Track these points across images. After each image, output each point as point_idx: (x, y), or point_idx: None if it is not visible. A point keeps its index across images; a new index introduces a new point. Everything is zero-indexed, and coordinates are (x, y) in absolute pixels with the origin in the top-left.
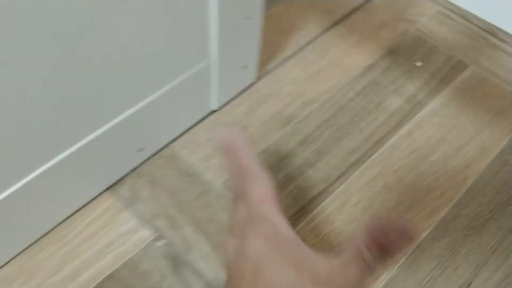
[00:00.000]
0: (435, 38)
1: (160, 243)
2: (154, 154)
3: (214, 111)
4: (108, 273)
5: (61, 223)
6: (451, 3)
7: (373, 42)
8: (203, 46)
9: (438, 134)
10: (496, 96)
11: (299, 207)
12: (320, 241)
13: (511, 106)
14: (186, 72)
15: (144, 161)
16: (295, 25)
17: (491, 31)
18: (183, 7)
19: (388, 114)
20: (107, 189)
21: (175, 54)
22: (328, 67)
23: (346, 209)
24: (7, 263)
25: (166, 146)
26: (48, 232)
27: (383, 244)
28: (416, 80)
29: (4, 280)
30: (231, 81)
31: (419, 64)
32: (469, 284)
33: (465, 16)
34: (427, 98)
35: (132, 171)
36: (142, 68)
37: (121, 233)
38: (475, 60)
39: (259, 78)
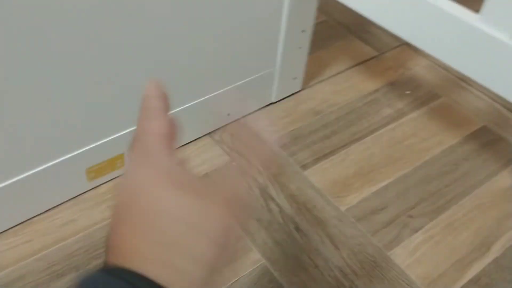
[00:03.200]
0: (422, 79)
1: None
2: (235, 120)
3: (272, 103)
4: (206, 172)
5: (184, 144)
6: (436, 59)
7: (380, 77)
8: (273, 58)
9: (412, 131)
10: (454, 116)
11: (324, 153)
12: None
13: (461, 123)
14: (260, 73)
15: (228, 124)
16: (329, 63)
17: (462, 77)
18: (264, 27)
19: (382, 117)
20: (207, 134)
21: (255, 60)
22: (348, 88)
23: (346, 162)
24: None
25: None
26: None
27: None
28: (404, 101)
29: None
30: (286, 86)
31: (408, 92)
32: None
33: (445, 67)
34: (409, 110)
35: (221, 127)
36: (233, 67)
37: (213, 155)
38: (446, 94)
39: (303, 88)
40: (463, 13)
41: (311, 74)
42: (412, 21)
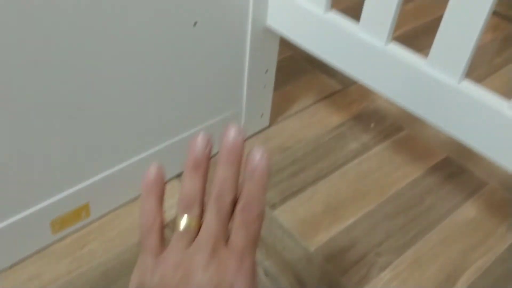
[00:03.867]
0: (386, 112)
1: None
2: None
3: None
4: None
5: None
6: None
7: (345, 111)
8: (239, 97)
9: (377, 165)
10: (417, 148)
11: (292, 191)
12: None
13: (425, 155)
14: (227, 112)
15: None
16: (296, 98)
17: None
18: (228, 70)
19: (348, 151)
20: (175, 177)
21: (222, 101)
22: (314, 122)
23: (314, 199)
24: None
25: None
26: None
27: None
28: (369, 134)
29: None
30: (253, 123)
31: (372, 125)
32: None
33: None
34: (374, 144)
35: None
36: (200, 109)
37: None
38: (409, 126)
39: (270, 125)
40: (412, 57)
41: (279, 110)
42: (364, 64)
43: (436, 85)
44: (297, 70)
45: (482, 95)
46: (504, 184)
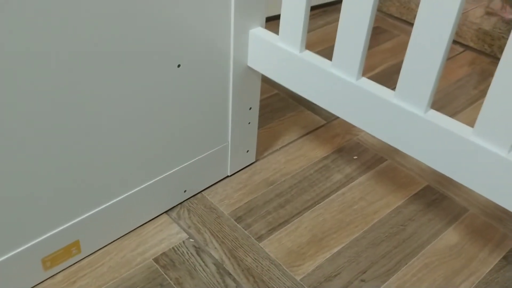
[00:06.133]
0: (368, 144)
1: (191, 240)
2: (192, 196)
3: (228, 176)
4: (163, 251)
5: (142, 225)
6: None
7: (329, 144)
8: (224, 134)
9: (360, 195)
10: (399, 178)
11: (279, 222)
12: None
13: (407, 184)
14: (214, 149)
15: (186, 199)
16: (282, 133)
17: None
18: (213, 109)
19: (333, 183)
20: (164, 212)
21: (208, 138)
22: (299, 156)
23: (299, 230)
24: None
25: (199, 192)
26: (137, 228)
27: None
28: (352, 166)
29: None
30: (239, 159)
31: (355, 157)
32: None
33: None
34: (357, 175)
35: (179, 204)
36: (189, 144)
37: (170, 233)
38: (391, 157)
39: (256, 160)
40: (382, 91)
41: (265, 145)
42: (338, 98)
43: (404, 115)
44: (282, 107)
45: (447, 123)
46: (484, 210)
